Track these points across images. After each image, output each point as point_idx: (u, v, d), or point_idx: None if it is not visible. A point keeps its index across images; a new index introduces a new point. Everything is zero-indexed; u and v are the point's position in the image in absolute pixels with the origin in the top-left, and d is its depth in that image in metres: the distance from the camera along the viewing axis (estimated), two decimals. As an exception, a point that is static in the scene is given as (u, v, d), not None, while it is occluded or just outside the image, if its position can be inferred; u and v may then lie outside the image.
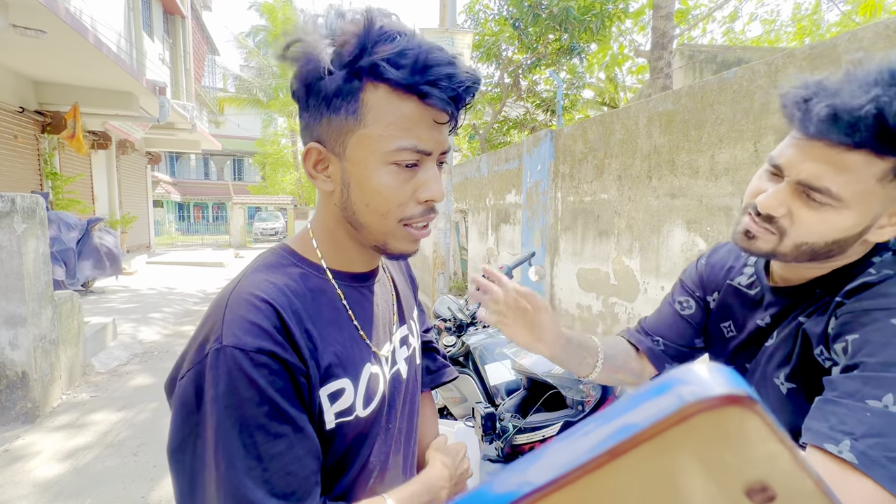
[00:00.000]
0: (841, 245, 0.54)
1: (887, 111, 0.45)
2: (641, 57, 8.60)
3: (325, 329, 0.53)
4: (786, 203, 0.54)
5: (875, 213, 0.52)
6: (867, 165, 0.49)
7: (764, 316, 0.66)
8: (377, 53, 0.47)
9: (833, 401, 0.48)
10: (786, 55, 1.92)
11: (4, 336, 2.72)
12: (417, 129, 0.49)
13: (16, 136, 5.65)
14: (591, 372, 0.78)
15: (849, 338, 0.51)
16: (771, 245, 0.57)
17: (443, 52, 0.48)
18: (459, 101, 0.50)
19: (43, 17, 3.91)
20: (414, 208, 0.52)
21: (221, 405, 0.44)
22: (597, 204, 3.20)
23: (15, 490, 2.15)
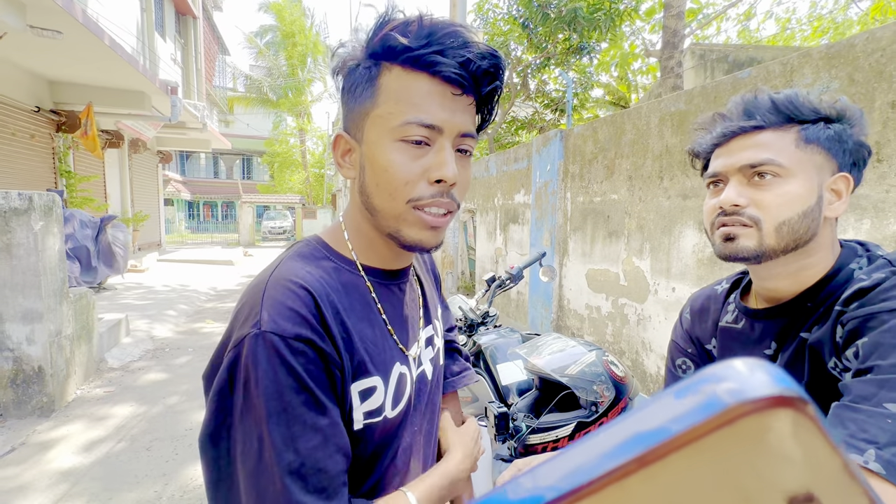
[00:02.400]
0: (811, 219, 0.58)
1: (775, 97, 0.60)
2: (652, 56, 8.54)
3: (359, 324, 0.53)
4: (743, 193, 0.60)
5: (815, 180, 0.59)
6: (779, 137, 0.59)
7: (768, 344, 0.65)
8: (385, 29, 0.49)
9: (850, 407, 0.48)
10: (802, 55, 1.90)
11: (22, 332, 2.77)
12: (426, 104, 0.48)
13: (32, 136, 5.75)
14: None
15: (859, 342, 0.51)
16: (755, 239, 0.59)
17: (452, 23, 0.48)
18: (477, 73, 0.48)
19: (59, 18, 3.97)
20: (423, 188, 0.50)
21: (260, 391, 0.43)
22: (607, 204, 3.18)
23: (32, 482, 2.20)
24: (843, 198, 0.60)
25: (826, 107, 0.59)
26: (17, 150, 5.50)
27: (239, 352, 0.45)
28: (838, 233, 1.77)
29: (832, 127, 0.59)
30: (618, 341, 3.09)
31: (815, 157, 0.59)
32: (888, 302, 0.51)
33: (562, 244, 3.75)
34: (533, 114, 9.17)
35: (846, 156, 0.60)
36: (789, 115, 0.59)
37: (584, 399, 1.02)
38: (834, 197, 0.60)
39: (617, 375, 1.08)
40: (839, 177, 0.60)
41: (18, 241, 2.72)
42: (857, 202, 1.70)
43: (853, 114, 0.60)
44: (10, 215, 2.70)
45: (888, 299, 0.51)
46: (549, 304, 3.90)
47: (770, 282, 0.65)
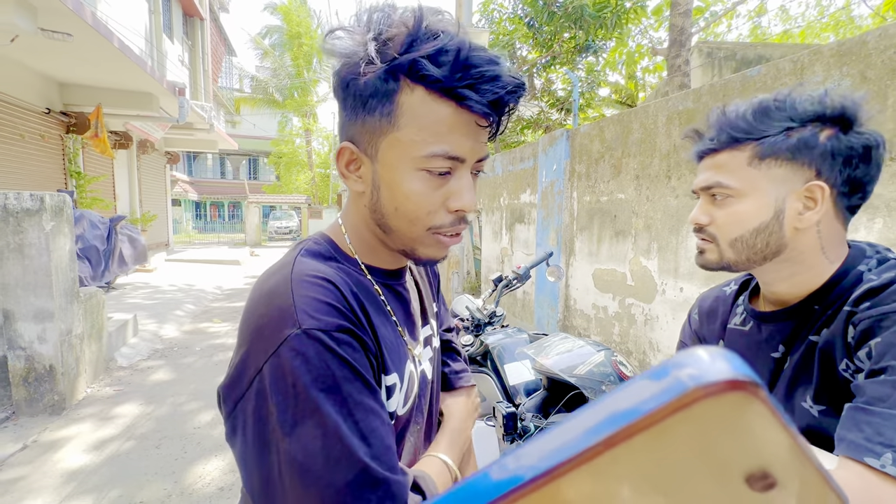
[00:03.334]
0: (768, 233, 0.59)
1: (726, 119, 0.61)
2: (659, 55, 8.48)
3: (378, 324, 0.53)
4: (707, 212, 0.64)
5: (773, 195, 0.59)
6: (733, 157, 0.60)
7: (776, 347, 0.65)
8: (417, 51, 0.45)
9: (865, 409, 0.48)
10: (812, 52, 1.88)
11: (33, 330, 2.81)
12: (452, 135, 0.47)
13: (43, 137, 5.82)
14: None
15: (871, 342, 0.51)
16: (716, 254, 0.64)
17: (486, 52, 0.46)
18: (502, 105, 0.47)
19: (69, 21, 4.02)
20: (444, 217, 0.50)
21: (318, 388, 0.42)
22: (614, 204, 3.17)
23: (43, 479, 2.22)
24: (818, 205, 0.57)
25: (800, 111, 0.57)
26: (29, 151, 5.57)
27: (281, 356, 0.43)
28: (852, 232, 1.74)
29: (797, 134, 0.56)
30: (625, 341, 3.07)
31: (774, 171, 0.58)
32: None
33: (568, 244, 3.74)
34: (539, 113, 9.15)
35: (826, 159, 0.56)
36: (737, 137, 0.60)
37: (593, 399, 1.02)
38: (807, 205, 0.58)
39: (626, 375, 1.08)
40: (812, 185, 0.57)
41: (30, 241, 2.76)
42: (869, 201, 1.67)
43: (847, 110, 0.56)
44: (22, 216, 2.74)
45: None
46: (556, 304, 3.88)
47: (771, 286, 0.65)
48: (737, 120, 0.60)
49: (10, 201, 2.72)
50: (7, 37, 4.18)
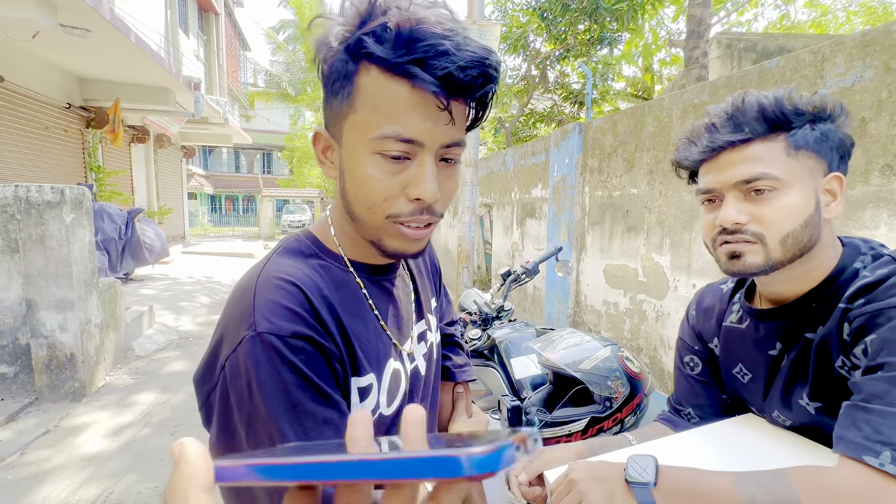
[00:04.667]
0: (812, 226, 0.57)
1: (764, 101, 0.58)
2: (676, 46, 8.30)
3: (352, 321, 0.51)
4: (743, 210, 0.58)
5: (811, 186, 0.57)
6: (770, 148, 0.57)
7: (773, 345, 0.64)
8: (363, 29, 0.43)
9: (862, 407, 0.48)
10: (834, 42, 1.82)
11: (55, 319, 2.90)
12: (406, 117, 0.44)
13: (65, 131, 5.97)
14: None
15: (867, 339, 0.50)
16: (761, 255, 0.58)
17: (441, 26, 0.42)
18: (460, 83, 0.42)
19: (88, 17, 4.09)
20: (403, 205, 0.47)
21: (266, 392, 0.42)
22: (626, 199, 3.13)
23: (64, 462, 2.30)
24: (838, 197, 0.58)
25: (810, 106, 0.57)
26: (50, 145, 5.72)
27: (237, 356, 0.44)
28: (870, 227, 1.70)
29: (818, 127, 0.57)
30: (635, 338, 3.04)
31: (807, 161, 0.57)
32: (895, 298, 0.49)
33: (579, 239, 3.71)
34: (552, 106, 9.05)
35: (833, 153, 0.58)
36: (776, 123, 0.57)
37: (598, 394, 1.02)
38: (829, 198, 0.59)
39: (632, 371, 1.07)
40: (832, 177, 0.58)
41: (51, 232, 2.83)
42: (890, 197, 1.63)
43: (834, 108, 0.58)
44: (43, 208, 2.81)
45: (895, 295, 0.50)
46: (566, 299, 3.86)
47: (774, 286, 0.63)
48: (775, 107, 0.57)
49: (32, 194, 2.80)
50: (29, 33, 4.28)
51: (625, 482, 0.55)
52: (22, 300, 2.85)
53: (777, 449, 0.60)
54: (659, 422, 0.81)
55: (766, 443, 0.62)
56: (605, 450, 0.71)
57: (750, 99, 0.58)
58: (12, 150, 5.03)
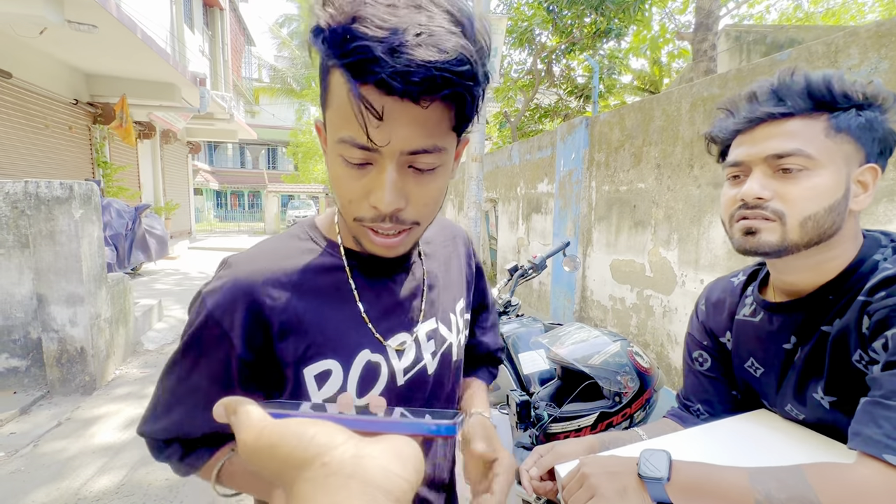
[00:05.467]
0: (836, 213, 0.55)
1: (812, 78, 0.56)
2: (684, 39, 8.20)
3: (319, 307, 0.52)
4: (768, 186, 0.56)
5: (844, 171, 0.55)
6: (809, 126, 0.55)
7: (787, 338, 0.63)
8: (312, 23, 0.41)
9: (882, 403, 0.47)
10: (848, 34, 1.79)
11: (65, 314, 2.93)
12: (356, 118, 0.40)
13: (70, 127, 6.00)
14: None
15: (888, 333, 0.49)
16: (777, 234, 0.56)
17: (387, 23, 0.37)
18: (408, 91, 0.38)
19: (95, 13, 4.10)
20: (366, 210, 0.46)
21: (182, 347, 0.53)
22: (633, 193, 3.11)
23: (77, 454, 2.34)
24: (869, 189, 0.56)
25: (859, 92, 0.55)
26: (58, 141, 5.76)
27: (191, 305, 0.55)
28: (884, 221, 1.67)
29: (863, 114, 0.55)
30: (642, 333, 3.03)
31: (845, 146, 0.55)
32: None
33: (586, 234, 3.69)
34: (557, 101, 8.98)
35: (875, 144, 0.56)
36: (821, 102, 0.55)
37: (608, 389, 1.01)
38: (860, 189, 0.56)
39: (642, 366, 1.07)
40: (867, 168, 0.56)
41: (61, 228, 2.86)
42: (904, 191, 1.60)
43: (886, 99, 0.56)
44: (52, 204, 2.84)
45: None
46: (572, 294, 3.85)
47: (789, 275, 0.62)
48: (821, 86, 0.54)
49: (41, 190, 2.82)
50: (36, 29, 4.30)
51: (637, 477, 0.55)
52: (33, 295, 2.88)
53: (791, 444, 0.60)
54: (668, 418, 0.80)
55: (780, 438, 0.62)
56: (616, 444, 0.71)
57: (798, 74, 0.56)
58: (21, 145, 5.07)
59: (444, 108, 0.42)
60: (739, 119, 0.59)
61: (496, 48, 3.70)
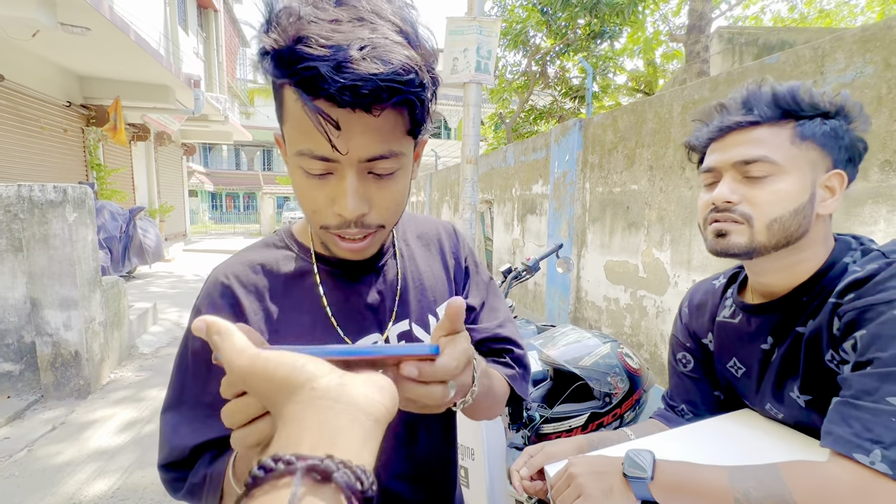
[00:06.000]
0: (802, 216, 0.58)
1: (778, 89, 0.59)
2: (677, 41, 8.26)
3: (289, 311, 0.56)
4: (736, 190, 0.60)
5: (809, 177, 0.58)
6: (776, 134, 0.58)
7: (765, 339, 0.65)
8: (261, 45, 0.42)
9: (853, 403, 0.48)
10: (834, 38, 1.82)
11: (59, 318, 2.92)
12: (314, 132, 0.42)
13: (65, 130, 5.97)
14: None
15: (857, 334, 0.51)
16: (746, 236, 0.59)
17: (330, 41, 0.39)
18: (356, 103, 0.40)
19: (88, 15, 4.09)
20: (331, 218, 0.48)
21: (178, 361, 0.56)
22: (626, 195, 3.13)
23: (72, 458, 2.33)
24: (836, 194, 0.59)
25: (825, 102, 0.58)
26: (51, 144, 5.73)
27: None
28: (869, 223, 1.70)
29: (829, 123, 0.58)
30: (636, 333, 3.06)
31: (810, 153, 0.58)
32: (885, 293, 0.50)
33: (580, 235, 3.72)
34: (552, 102, 9.02)
35: (842, 152, 0.59)
36: (787, 111, 0.58)
37: (598, 390, 1.03)
38: (827, 194, 0.59)
39: (631, 367, 1.08)
40: (834, 174, 0.59)
41: (54, 231, 2.85)
42: (889, 193, 1.63)
43: (852, 109, 0.59)
44: (46, 207, 2.83)
45: (884, 290, 0.51)
46: (567, 295, 3.88)
47: (764, 277, 0.64)
48: (786, 96, 0.58)
49: (35, 193, 2.81)
50: (29, 31, 4.28)
51: (622, 476, 0.56)
52: (26, 299, 2.87)
53: (771, 443, 0.62)
54: (655, 418, 0.82)
55: (760, 437, 0.63)
56: (605, 444, 0.72)
57: (765, 85, 0.60)
58: (14, 148, 5.04)
59: (396, 114, 0.43)
60: (712, 128, 0.63)
61: (490, 50, 3.72)
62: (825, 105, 0.58)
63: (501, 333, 0.68)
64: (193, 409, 0.54)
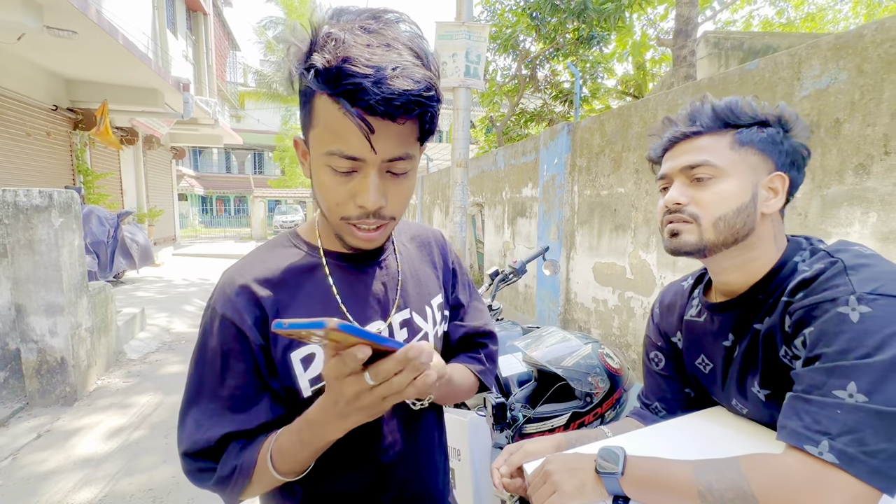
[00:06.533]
0: (746, 214, 0.63)
1: (717, 103, 0.65)
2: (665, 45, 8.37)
3: (303, 301, 0.61)
4: (685, 193, 0.65)
5: (750, 179, 0.63)
6: (717, 141, 0.64)
7: (727, 336, 0.69)
8: (308, 61, 0.50)
9: (803, 398, 0.51)
10: (810, 45, 1.88)
11: (45, 324, 2.89)
12: (347, 137, 0.50)
13: (49, 133, 5.90)
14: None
15: (805, 332, 0.54)
16: (695, 234, 0.64)
17: (370, 62, 0.47)
18: (389, 113, 0.48)
19: (74, 19, 4.06)
20: (352, 210, 0.56)
21: (197, 354, 0.60)
22: (614, 198, 3.18)
23: (58, 466, 2.31)
24: (779, 195, 0.64)
25: (763, 112, 0.64)
26: (37, 148, 5.66)
27: (203, 315, 0.62)
28: (844, 224, 1.75)
29: (766, 131, 0.64)
30: (624, 334, 3.10)
31: (750, 157, 0.63)
32: (829, 291, 0.53)
33: (569, 238, 3.76)
34: (542, 106, 9.10)
35: (783, 156, 0.64)
36: (726, 121, 0.64)
37: (579, 390, 1.05)
38: (770, 194, 0.64)
39: (612, 367, 1.11)
40: (775, 175, 0.64)
41: (40, 237, 2.82)
42: (863, 195, 1.68)
43: (789, 118, 0.65)
44: (31, 212, 2.80)
45: (829, 289, 0.54)
46: (557, 297, 3.91)
47: (722, 276, 0.68)
48: (724, 108, 0.65)
49: (19, 198, 2.78)
50: (14, 35, 4.24)
51: (595, 472, 0.58)
52: (11, 305, 2.84)
53: (737, 438, 0.64)
54: (631, 416, 0.85)
55: (728, 433, 0.66)
56: (583, 442, 0.74)
57: (706, 101, 0.67)
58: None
59: (413, 123, 0.52)
60: (664, 140, 0.69)
61: (480, 55, 3.76)
62: (762, 115, 0.64)
63: (482, 329, 0.81)
64: (213, 402, 0.59)
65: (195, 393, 0.60)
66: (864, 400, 0.47)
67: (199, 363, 0.60)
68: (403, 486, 0.68)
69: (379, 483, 0.66)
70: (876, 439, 0.46)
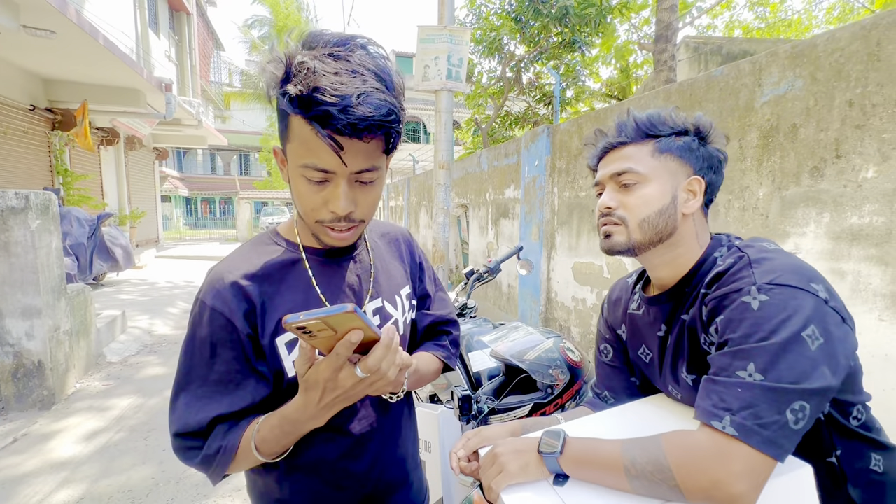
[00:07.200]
0: (667, 215, 0.69)
1: (638, 115, 0.72)
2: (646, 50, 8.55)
3: (286, 293, 0.68)
4: (614, 198, 0.72)
5: (669, 183, 0.70)
6: (639, 150, 0.71)
7: (660, 327, 0.75)
8: (283, 88, 0.56)
9: (713, 380, 0.57)
10: (769, 54, 1.97)
11: (21, 327, 2.85)
12: (319, 151, 0.58)
13: (25, 132, 5.80)
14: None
15: (717, 320, 0.61)
16: (624, 235, 0.71)
17: (338, 92, 0.54)
18: (355, 133, 0.56)
19: (53, 18, 4.01)
20: (325, 214, 0.63)
21: (186, 345, 0.66)
22: (592, 199, 3.26)
23: (34, 470, 2.29)
24: (697, 196, 0.71)
25: (680, 122, 0.71)
26: (14, 148, 5.55)
27: (192, 309, 0.68)
28: (801, 224, 1.83)
29: (682, 139, 0.71)
30: (602, 332, 3.18)
31: (669, 163, 0.70)
32: (737, 283, 0.60)
33: (549, 238, 3.83)
34: (526, 108, 9.21)
35: (700, 161, 0.71)
36: (647, 132, 0.71)
37: (541, 382, 1.11)
38: (689, 196, 0.70)
39: (572, 360, 1.16)
40: (693, 179, 0.71)
41: (16, 239, 2.79)
42: (817, 196, 1.77)
43: (704, 127, 0.72)
44: (7, 214, 2.77)
45: (736, 280, 0.60)
46: (538, 297, 3.98)
47: (654, 271, 0.75)
48: (645, 121, 0.71)
49: (-5, 200, 2.75)
50: (-11, 34, 4.17)
51: (538, 453, 0.64)
52: (-14, 308, 2.80)
53: (672, 421, 0.70)
54: (584, 405, 0.90)
55: (662, 416, 0.72)
56: (537, 428, 0.79)
57: (630, 114, 0.74)
58: (-27, 153, 4.87)
59: (377, 140, 0.60)
60: (596, 150, 0.76)
61: (462, 59, 3.82)
62: (679, 125, 0.71)
63: (446, 318, 0.91)
64: (202, 387, 0.65)
65: (185, 378, 0.66)
66: (760, 378, 0.53)
67: (189, 351, 0.66)
68: (376, 456, 0.76)
69: (355, 451, 0.74)
70: (769, 412, 0.51)
